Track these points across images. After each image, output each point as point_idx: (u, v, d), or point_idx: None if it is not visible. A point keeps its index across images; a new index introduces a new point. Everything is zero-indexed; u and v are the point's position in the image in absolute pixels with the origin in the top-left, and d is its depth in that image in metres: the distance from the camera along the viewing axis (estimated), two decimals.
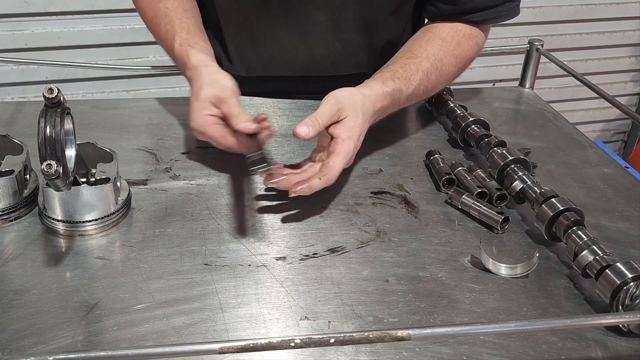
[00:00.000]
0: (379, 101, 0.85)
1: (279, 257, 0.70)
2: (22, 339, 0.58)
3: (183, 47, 0.88)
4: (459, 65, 0.96)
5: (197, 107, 0.81)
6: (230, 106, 0.80)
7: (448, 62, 0.94)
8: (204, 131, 0.81)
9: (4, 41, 1.84)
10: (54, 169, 0.59)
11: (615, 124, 2.72)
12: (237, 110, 0.80)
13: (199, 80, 0.82)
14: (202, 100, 0.81)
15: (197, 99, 0.81)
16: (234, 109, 0.80)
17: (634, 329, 0.61)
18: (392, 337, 0.50)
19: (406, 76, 0.89)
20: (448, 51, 0.94)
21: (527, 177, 0.79)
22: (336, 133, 0.79)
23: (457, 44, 0.95)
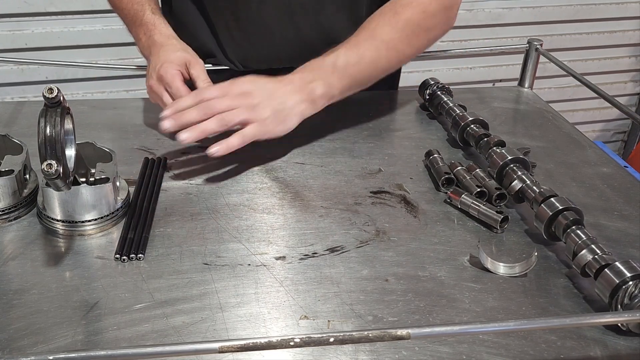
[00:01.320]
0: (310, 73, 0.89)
1: (279, 257, 0.70)
2: (22, 338, 0.58)
3: (156, 15, 0.97)
4: (400, 31, 0.92)
5: (170, 62, 0.89)
6: (198, 70, 0.90)
7: (383, 31, 0.92)
8: (172, 83, 0.88)
9: (4, 41, 1.84)
10: (54, 169, 0.59)
11: (615, 124, 2.72)
12: (205, 76, 0.90)
13: (172, 45, 0.93)
14: (175, 59, 0.90)
15: (169, 58, 0.90)
16: (202, 74, 0.90)
17: (633, 328, 0.61)
18: (392, 336, 0.50)
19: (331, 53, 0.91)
20: (384, 20, 0.93)
21: (527, 176, 0.79)
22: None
23: (394, 13, 0.93)
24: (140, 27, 0.97)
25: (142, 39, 0.97)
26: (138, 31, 0.98)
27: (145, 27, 0.96)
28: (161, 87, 0.90)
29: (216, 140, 0.82)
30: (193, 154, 0.91)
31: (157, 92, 0.90)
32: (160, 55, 0.91)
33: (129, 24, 1.01)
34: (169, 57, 0.91)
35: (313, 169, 0.88)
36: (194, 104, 0.84)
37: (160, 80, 0.89)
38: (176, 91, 0.88)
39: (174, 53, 0.92)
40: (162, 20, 0.97)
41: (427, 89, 1.07)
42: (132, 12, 0.99)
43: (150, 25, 0.96)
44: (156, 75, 0.90)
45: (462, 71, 2.32)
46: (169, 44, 0.94)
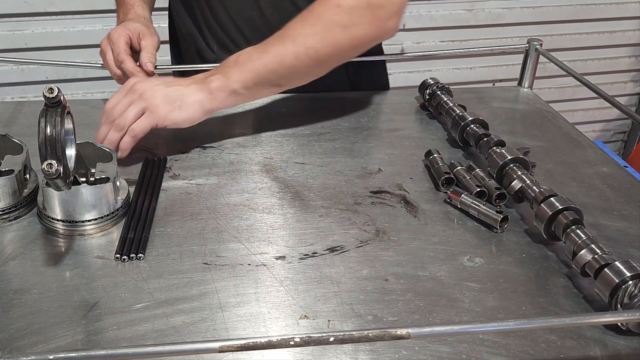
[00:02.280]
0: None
1: (279, 257, 0.70)
2: (22, 338, 0.58)
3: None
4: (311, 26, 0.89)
5: (124, 27, 0.97)
6: (148, 42, 0.97)
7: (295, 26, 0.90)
8: (116, 41, 0.95)
9: (4, 41, 1.84)
10: (54, 169, 0.59)
11: (615, 124, 2.72)
12: (153, 50, 0.98)
13: (137, 20, 1.00)
14: (130, 26, 0.97)
15: (126, 25, 0.97)
16: (150, 47, 0.97)
17: (633, 328, 0.61)
18: (392, 335, 0.50)
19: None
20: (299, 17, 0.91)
21: (526, 176, 0.79)
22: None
23: (308, 10, 0.91)
24: (121, 7, 1.05)
25: (120, 16, 1.04)
26: (119, 11, 1.05)
27: (125, 7, 1.04)
28: (107, 46, 0.96)
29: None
30: (193, 154, 0.91)
31: (102, 48, 0.97)
32: (122, 23, 0.99)
33: (116, 4, 1.08)
34: (125, 25, 0.98)
35: (313, 169, 0.88)
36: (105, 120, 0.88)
37: (108, 39, 0.96)
38: (117, 48, 0.94)
39: (133, 23, 0.98)
40: (141, 3, 1.05)
41: (427, 89, 1.07)
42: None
43: (129, 5, 1.04)
44: (106, 36, 0.97)
45: (462, 71, 2.32)
46: (136, 19, 1.01)
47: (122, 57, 0.95)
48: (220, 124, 1.00)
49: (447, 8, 1.20)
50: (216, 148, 0.93)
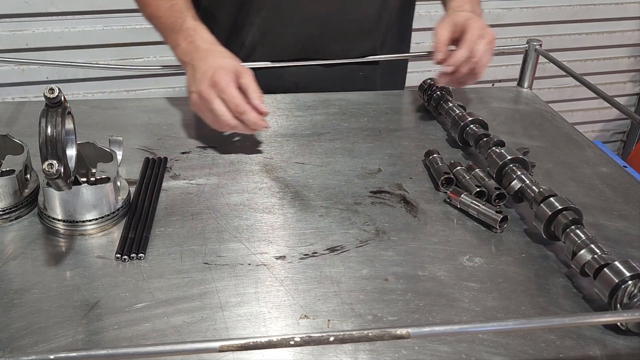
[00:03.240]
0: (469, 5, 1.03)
1: (279, 256, 0.70)
2: (23, 337, 0.58)
3: (197, 22, 0.95)
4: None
5: (223, 68, 0.87)
6: (249, 80, 0.88)
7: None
8: (227, 89, 0.86)
9: (4, 41, 1.84)
10: (55, 169, 0.59)
11: (615, 124, 2.72)
12: (256, 86, 0.88)
13: (219, 52, 0.92)
14: (228, 66, 0.88)
15: (221, 64, 0.88)
16: (253, 84, 0.88)
17: (632, 328, 0.61)
18: (392, 335, 0.50)
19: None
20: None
21: (526, 176, 0.79)
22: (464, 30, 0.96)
23: None
24: (180, 33, 0.94)
25: (181, 44, 0.94)
26: (177, 37, 0.95)
27: (186, 33, 0.94)
28: (213, 93, 0.87)
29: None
30: (193, 154, 0.91)
31: (207, 97, 0.87)
32: (209, 61, 0.89)
33: (166, 31, 0.98)
34: (220, 64, 0.88)
35: (313, 169, 0.89)
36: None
37: (213, 86, 0.87)
38: (231, 98, 0.86)
39: (224, 60, 0.90)
40: (203, 27, 0.95)
41: (427, 89, 1.07)
42: (171, 20, 0.96)
43: (192, 31, 0.94)
44: (209, 81, 0.87)
45: None
46: (216, 50, 0.92)
47: (243, 108, 0.86)
48: None
49: None
50: (216, 148, 0.93)
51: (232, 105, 0.86)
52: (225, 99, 0.86)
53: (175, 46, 0.95)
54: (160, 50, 1.97)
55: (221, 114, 0.87)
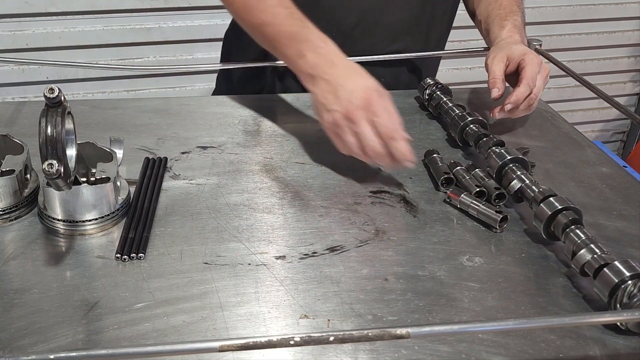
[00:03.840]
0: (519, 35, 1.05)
1: (279, 256, 0.70)
2: (23, 337, 0.58)
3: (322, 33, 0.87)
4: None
5: (374, 89, 0.81)
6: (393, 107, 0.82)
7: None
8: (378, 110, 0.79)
9: (4, 41, 1.84)
10: (55, 169, 0.59)
11: (614, 124, 2.72)
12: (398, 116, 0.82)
13: (359, 70, 0.84)
14: (380, 89, 0.82)
15: (367, 84, 0.81)
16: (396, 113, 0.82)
17: (632, 327, 0.61)
18: (391, 335, 0.50)
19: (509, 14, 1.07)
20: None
21: (526, 176, 0.79)
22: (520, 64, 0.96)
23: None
24: (306, 43, 0.86)
25: (307, 55, 0.85)
26: (301, 48, 0.86)
27: (313, 44, 0.85)
28: (362, 115, 0.79)
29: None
30: (193, 154, 0.91)
31: (355, 119, 0.80)
32: (356, 79, 0.82)
33: (284, 39, 0.88)
34: (369, 84, 0.82)
35: (313, 169, 0.89)
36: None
37: (365, 108, 0.80)
38: (385, 122, 0.79)
39: (371, 80, 0.83)
40: (330, 40, 0.87)
41: (426, 89, 1.07)
42: (294, 29, 0.87)
43: (320, 42, 0.86)
44: (361, 102, 0.80)
45: (462, 71, 2.31)
46: (356, 67, 0.85)
47: (397, 134, 0.80)
48: (220, 124, 1.00)
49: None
50: (216, 148, 0.93)
51: (384, 129, 0.79)
52: (378, 122, 0.79)
53: (299, 57, 0.86)
54: (160, 50, 1.97)
55: (370, 138, 0.79)
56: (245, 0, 0.93)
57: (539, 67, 0.97)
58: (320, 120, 0.85)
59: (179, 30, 1.95)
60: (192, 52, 1.98)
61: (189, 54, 1.98)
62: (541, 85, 0.96)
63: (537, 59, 0.97)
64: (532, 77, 0.95)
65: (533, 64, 0.96)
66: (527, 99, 0.95)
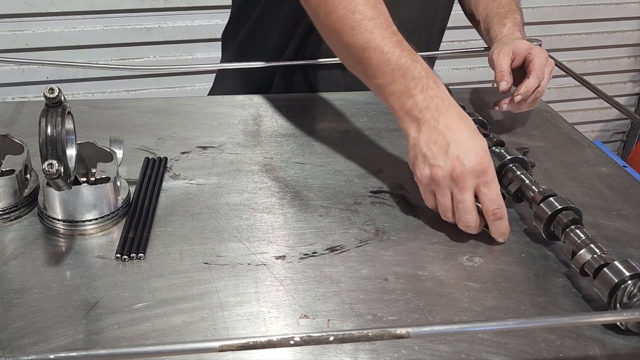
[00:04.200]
0: (519, 32, 1.05)
1: (279, 256, 0.70)
2: (23, 337, 0.58)
3: (430, 70, 0.78)
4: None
5: (472, 171, 0.71)
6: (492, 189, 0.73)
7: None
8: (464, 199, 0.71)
9: (4, 41, 1.85)
10: (55, 169, 0.59)
11: (615, 124, 2.72)
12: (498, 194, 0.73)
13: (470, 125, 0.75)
14: (477, 168, 0.71)
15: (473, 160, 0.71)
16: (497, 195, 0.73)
17: (632, 327, 0.61)
18: (391, 335, 0.50)
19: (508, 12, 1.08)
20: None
21: (525, 176, 0.79)
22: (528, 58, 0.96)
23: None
24: (414, 80, 0.75)
25: (416, 96, 0.75)
26: (409, 85, 0.75)
27: (423, 83, 0.75)
28: (471, 183, 0.71)
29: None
30: (193, 154, 0.91)
31: (440, 189, 0.73)
32: (469, 135, 0.73)
33: (388, 70, 0.77)
34: (482, 145, 0.73)
35: (313, 169, 0.89)
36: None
37: (476, 175, 0.71)
38: (463, 210, 0.72)
39: (481, 140, 0.74)
40: (437, 77, 0.78)
41: None
42: (402, 59, 0.76)
43: (432, 82, 0.76)
44: (449, 173, 0.71)
45: (462, 71, 2.32)
46: (467, 119, 0.76)
47: (503, 212, 0.72)
48: (220, 124, 1.00)
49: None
50: (216, 148, 0.93)
51: (490, 205, 0.72)
52: (485, 194, 0.72)
53: (406, 95, 0.76)
54: (160, 50, 1.98)
55: (470, 211, 0.72)
56: (346, 15, 0.78)
57: (547, 60, 0.97)
58: (415, 171, 0.76)
59: (179, 30, 1.95)
60: (192, 52, 1.98)
61: (189, 54, 1.98)
62: (548, 78, 0.96)
63: (544, 53, 0.97)
64: (540, 69, 0.95)
65: (541, 56, 0.96)
66: (535, 91, 0.95)
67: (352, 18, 0.78)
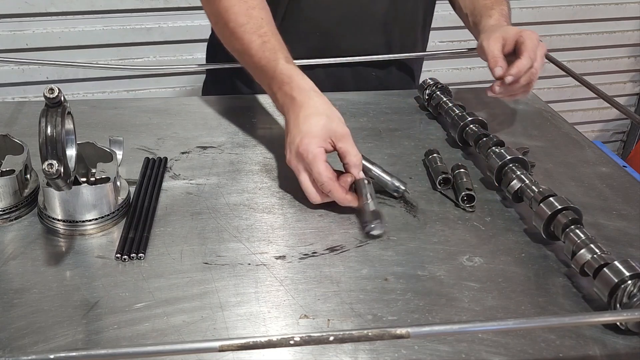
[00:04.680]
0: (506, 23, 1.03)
1: (279, 256, 0.70)
2: (23, 337, 0.58)
3: (290, 65, 0.85)
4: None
5: (311, 137, 0.76)
6: (347, 144, 0.78)
7: None
8: (312, 163, 0.76)
9: (4, 41, 1.84)
10: (55, 169, 0.59)
11: (614, 124, 2.72)
12: (356, 150, 0.79)
13: (314, 109, 0.79)
14: (318, 132, 0.77)
15: (311, 131, 0.77)
16: (352, 148, 0.78)
17: (632, 327, 0.61)
18: (391, 335, 0.50)
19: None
20: None
21: (525, 176, 0.79)
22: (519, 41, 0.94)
23: None
24: (274, 80, 0.84)
25: (276, 94, 0.84)
26: (271, 84, 0.85)
27: (280, 81, 0.83)
28: (300, 166, 0.78)
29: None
30: (193, 154, 0.91)
31: (297, 169, 0.79)
32: (301, 123, 0.78)
33: (258, 73, 0.88)
34: (310, 129, 0.77)
35: None
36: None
37: (299, 159, 0.77)
38: (317, 175, 0.76)
39: (316, 121, 0.78)
40: (298, 71, 0.84)
41: (426, 89, 1.07)
42: (264, 62, 0.86)
43: (286, 78, 0.83)
44: (295, 151, 0.78)
45: (461, 71, 2.32)
46: (310, 104, 0.80)
47: (328, 187, 0.76)
48: (220, 124, 1.00)
49: (447, 8, 1.21)
50: (216, 148, 0.93)
51: (319, 183, 0.76)
52: (313, 175, 0.77)
53: (271, 93, 0.86)
54: (160, 50, 1.97)
55: (305, 188, 0.78)
56: (226, 23, 0.90)
57: (537, 41, 0.94)
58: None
59: (179, 30, 1.95)
60: (192, 52, 1.98)
61: (189, 54, 1.98)
62: (541, 59, 0.94)
63: (534, 35, 0.95)
64: (532, 49, 0.92)
65: (532, 38, 0.94)
66: (529, 73, 0.92)
67: (229, 27, 0.90)
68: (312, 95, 0.81)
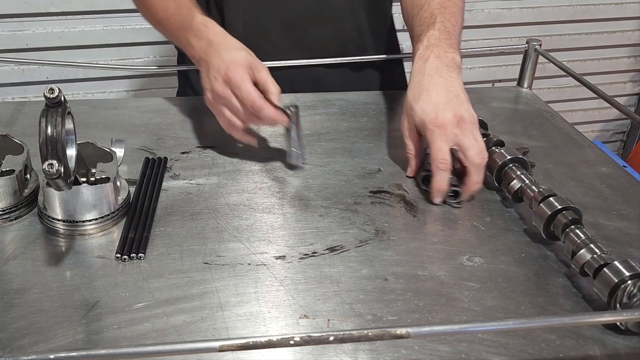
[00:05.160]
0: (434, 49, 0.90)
1: (279, 256, 0.70)
2: (23, 337, 0.58)
3: (205, 17, 0.90)
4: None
5: (236, 63, 0.81)
6: (265, 74, 0.82)
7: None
8: (240, 84, 0.80)
9: (4, 41, 1.84)
10: (55, 169, 0.59)
11: (614, 124, 2.72)
12: (272, 80, 0.82)
13: (232, 44, 0.85)
14: (242, 60, 0.82)
15: (234, 58, 0.82)
16: (269, 78, 0.82)
17: (632, 327, 0.61)
18: (391, 335, 0.50)
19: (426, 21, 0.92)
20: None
21: (525, 176, 0.79)
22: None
23: None
24: (190, 31, 0.89)
25: (193, 42, 0.88)
26: (188, 36, 0.89)
27: (196, 29, 0.88)
28: (227, 91, 0.82)
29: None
30: (193, 154, 0.91)
31: (221, 95, 0.82)
32: (223, 55, 0.83)
33: (176, 31, 0.93)
34: (234, 58, 0.82)
35: (313, 169, 0.89)
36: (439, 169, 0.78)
37: (227, 83, 0.81)
38: (247, 94, 0.80)
39: (238, 53, 0.83)
40: (212, 21, 0.89)
41: None
42: (180, 18, 0.91)
43: (202, 26, 0.88)
44: (223, 77, 0.82)
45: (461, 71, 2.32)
46: (228, 42, 0.86)
47: (259, 105, 0.80)
48: (220, 124, 1.00)
49: None
50: (216, 148, 0.93)
51: (249, 103, 0.80)
52: (241, 95, 0.81)
53: (188, 45, 0.90)
54: (160, 50, 1.97)
55: (229, 117, 0.83)
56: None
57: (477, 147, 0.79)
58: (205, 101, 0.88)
59: None
60: None
61: None
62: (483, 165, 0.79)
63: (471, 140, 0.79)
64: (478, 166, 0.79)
65: (434, 138, 0.80)
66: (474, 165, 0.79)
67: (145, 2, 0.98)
68: (228, 36, 0.87)
